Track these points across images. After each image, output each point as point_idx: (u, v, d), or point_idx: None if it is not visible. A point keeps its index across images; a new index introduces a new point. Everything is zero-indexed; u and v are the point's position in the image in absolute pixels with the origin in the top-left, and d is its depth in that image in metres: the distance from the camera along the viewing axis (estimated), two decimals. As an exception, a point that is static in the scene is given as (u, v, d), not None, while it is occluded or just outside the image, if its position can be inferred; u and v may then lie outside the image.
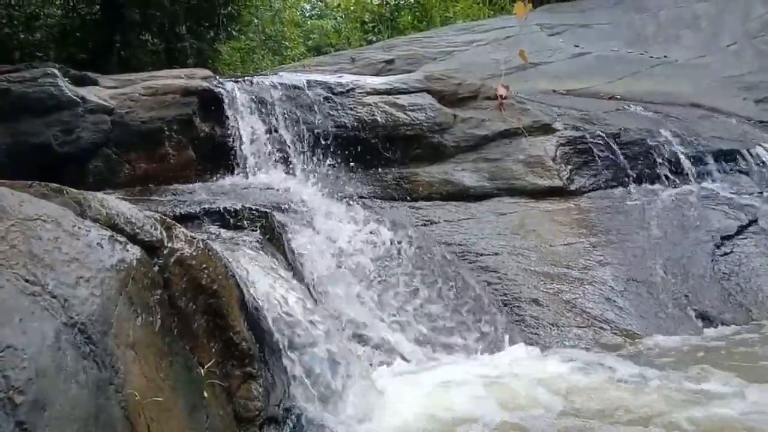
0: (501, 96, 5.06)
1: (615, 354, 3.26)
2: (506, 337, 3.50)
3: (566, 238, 4.14)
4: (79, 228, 1.75)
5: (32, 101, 3.87)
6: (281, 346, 2.31)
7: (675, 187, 4.62)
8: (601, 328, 3.59)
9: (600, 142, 4.73)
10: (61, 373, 1.36)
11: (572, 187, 4.51)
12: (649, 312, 3.72)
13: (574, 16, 8.62)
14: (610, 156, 4.68)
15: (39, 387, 1.27)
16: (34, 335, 1.35)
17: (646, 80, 6.28)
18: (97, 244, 1.75)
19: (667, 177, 4.66)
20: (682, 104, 5.62)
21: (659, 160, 4.68)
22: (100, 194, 2.08)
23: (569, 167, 4.61)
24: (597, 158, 4.68)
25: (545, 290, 3.79)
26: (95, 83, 4.26)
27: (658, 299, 3.80)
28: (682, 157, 4.72)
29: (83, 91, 4.03)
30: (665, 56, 6.98)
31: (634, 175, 4.62)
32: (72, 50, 8.40)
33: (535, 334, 3.59)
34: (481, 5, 12.25)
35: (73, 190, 1.99)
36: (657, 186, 4.62)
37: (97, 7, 8.74)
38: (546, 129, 4.85)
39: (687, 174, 4.67)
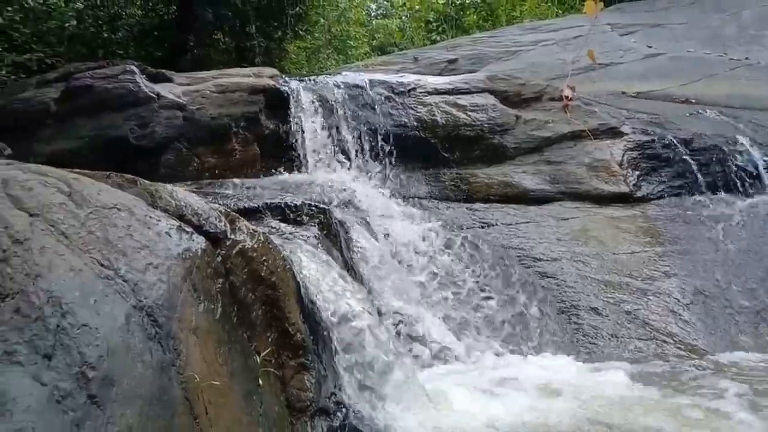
0: (566, 97, 4.94)
1: (678, 370, 3.11)
2: (561, 345, 3.42)
3: (630, 246, 3.99)
4: (150, 217, 1.86)
5: (112, 97, 4.11)
6: (334, 340, 2.36)
7: (751, 196, 4.35)
8: (664, 341, 3.44)
9: (671, 147, 4.53)
10: (129, 353, 1.44)
11: (639, 194, 4.35)
12: (717, 328, 3.53)
13: (647, 16, 8.27)
14: (682, 162, 4.47)
15: (109, 364, 1.36)
16: (106, 316, 1.44)
17: (724, 83, 5.94)
18: (166, 233, 1.85)
19: (743, 186, 4.40)
20: (762, 109, 5.29)
21: (735, 168, 4.43)
22: (170, 186, 2.20)
23: (637, 173, 4.44)
24: (667, 164, 4.48)
25: (605, 299, 3.67)
26: (170, 80, 4.47)
27: (727, 315, 3.60)
28: (760, 165, 4.45)
29: (158, 88, 4.24)
30: (746, 58, 6.59)
31: (707, 183, 4.39)
32: (150, 49, 8.83)
33: (593, 344, 3.48)
34: (549, 4, 11.99)
35: (146, 181, 2.11)
36: (731, 195, 4.37)
37: (174, 7, 9.15)
38: (613, 132, 4.69)
39: (765, 183, 4.40)
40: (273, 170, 4.27)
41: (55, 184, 1.71)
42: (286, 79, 4.62)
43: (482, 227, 4.10)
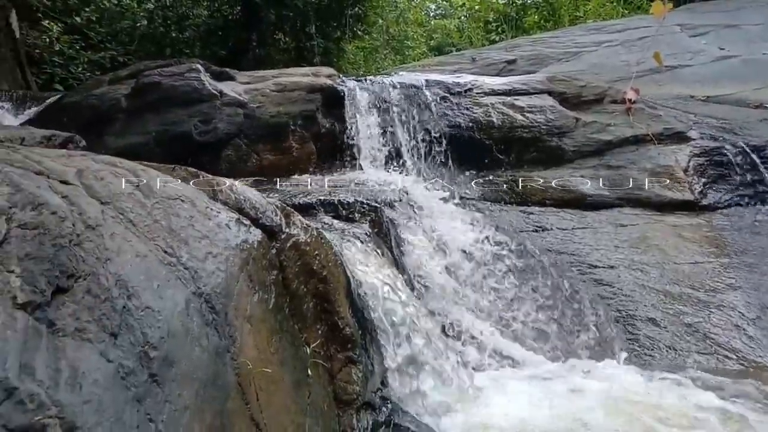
0: (629, 100, 4.78)
1: (739, 388, 2.96)
2: (616, 356, 3.32)
3: (693, 256, 3.82)
4: (211, 209, 1.94)
5: (179, 94, 4.30)
6: (381, 337, 2.38)
7: (830, 208, 4.08)
8: (726, 356, 3.27)
9: (742, 154, 4.31)
10: (188, 336, 1.51)
11: (704, 202, 4.16)
12: (786, 345, 3.33)
13: (719, 16, 7.88)
14: (753, 170, 4.24)
15: (169, 346, 1.43)
16: (168, 300, 1.51)
17: (804, 87, 5.59)
18: (225, 224, 1.92)
19: (820, 197, 4.13)
20: None
21: (812, 178, 4.17)
22: (230, 180, 2.28)
23: (703, 180, 4.25)
24: (737, 172, 4.26)
25: (664, 310, 3.53)
26: (232, 79, 4.62)
27: (799, 332, 3.39)
28: (841, 175, 4.16)
29: (221, 86, 4.40)
30: (830, 61, 6.18)
31: (781, 193, 4.15)
32: (214, 48, 9.17)
33: (649, 355, 3.36)
34: (614, 4, 11.62)
35: (208, 175, 2.20)
36: (807, 206, 4.11)
37: (239, 8, 9.46)
38: (679, 137, 4.51)
39: None
40: (328, 168, 4.35)
41: (124, 175, 1.81)
42: (343, 78, 4.69)
43: (536, 231, 4.03)
